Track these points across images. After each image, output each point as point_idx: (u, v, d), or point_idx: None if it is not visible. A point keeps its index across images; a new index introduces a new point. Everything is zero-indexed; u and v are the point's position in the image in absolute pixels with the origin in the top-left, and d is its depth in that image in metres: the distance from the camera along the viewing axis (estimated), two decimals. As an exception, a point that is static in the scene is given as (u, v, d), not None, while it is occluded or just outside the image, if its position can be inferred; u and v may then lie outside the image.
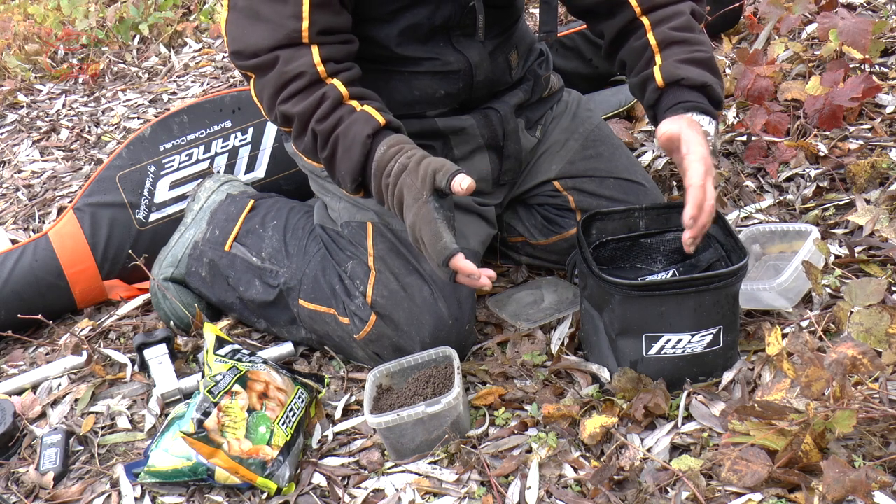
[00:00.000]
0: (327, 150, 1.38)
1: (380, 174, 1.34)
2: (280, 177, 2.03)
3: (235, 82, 3.05)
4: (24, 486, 1.50)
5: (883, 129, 1.87)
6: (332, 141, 1.37)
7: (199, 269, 1.77)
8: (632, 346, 1.36)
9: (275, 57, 1.38)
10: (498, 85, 1.63)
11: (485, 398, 1.47)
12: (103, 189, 1.95)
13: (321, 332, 1.61)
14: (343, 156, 1.37)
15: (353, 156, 1.35)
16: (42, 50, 3.63)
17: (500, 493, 1.28)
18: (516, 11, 1.64)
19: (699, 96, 1.44)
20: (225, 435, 1.37)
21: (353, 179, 1.37)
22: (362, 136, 1.34)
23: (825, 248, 1.46)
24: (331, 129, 1.37)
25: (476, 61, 1.56)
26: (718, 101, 1.46)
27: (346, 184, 1.39)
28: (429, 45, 1.52)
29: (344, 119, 1.37)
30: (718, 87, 1.46)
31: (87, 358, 1.77)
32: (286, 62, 1.37)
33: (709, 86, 1.44)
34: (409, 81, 1.53)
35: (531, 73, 1.70)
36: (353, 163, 1.35)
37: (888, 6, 2.32)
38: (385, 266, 1.53)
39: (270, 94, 1.40)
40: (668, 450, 1.29)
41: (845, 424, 1.12)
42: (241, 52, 1.41)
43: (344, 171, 1.38)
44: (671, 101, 1.44)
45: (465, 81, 1.56)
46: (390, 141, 1.35)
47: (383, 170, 1.34)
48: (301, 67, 1.37)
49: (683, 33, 1.47)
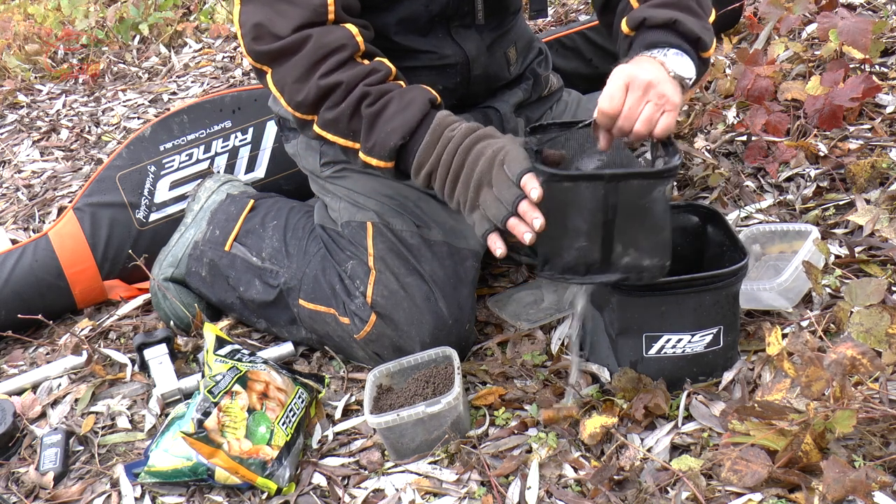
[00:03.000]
0: (376, 105, 1.33)
1: (442, 128, 1.31)
2: (280, 177, 2.03)
3: (235, 82, 3.05)
4: (24, 486, 1.50)
5: (883, 129, 1.86)
6: (385, 98, 1.33)
7: (199, 269, 1.77)
8: (632, 346, 1.36)
9: (304, 36, 1.34)
10: (496, 80, 1.63)
11: (485, 398, 1.47)
12: (103, 189, 1.95)
13: (321, 332, 1.61)
14: (397, 112, 1.32)
15: (411, 111, 1.31)
16: (42, 50, 3.63)
17: (500, 493, 1.28)
18: (515, 2, 1.64)
19: (664, 34, 1.36)
20: (225, 435, 1.37)
21: (402, 136, 1.31)
22: (424, 98, 1.33)
23: (825, 248, 1.46)
24: (385, 90, 1.33)
25: (473, 55, 1.56)
26: (692, 36, 1.37)
27: (390, 141, 1.33)
28: (428, 36, 1.52)
29: (399, 86, 1.35)
30: (692, 22, 1.37)
31: (87, 358, 1.77)
32: (322, 35, 1.34)
33: (675, 20, 1.36)
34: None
35: (531, 71, 1.70)
36: (408, 118, 1.31)
37: (888, 6, 2.32)
38: (385, 266, 1.53)
39: (302, 71, 1.35)
40: (668, 450, 1.29)
41: (845, 424, 1.12)
42: (259, 38, 1.37)
43: (393, 126, 1.32)
44: (634, 48, 1.38)
45: (462, 75, 1.56)
46: (449, 112, 1.34)
47: (447, 125, 1.31)
48: (342, 40, 1.34)
49: None
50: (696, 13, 1.40)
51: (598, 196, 1.19)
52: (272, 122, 2.03)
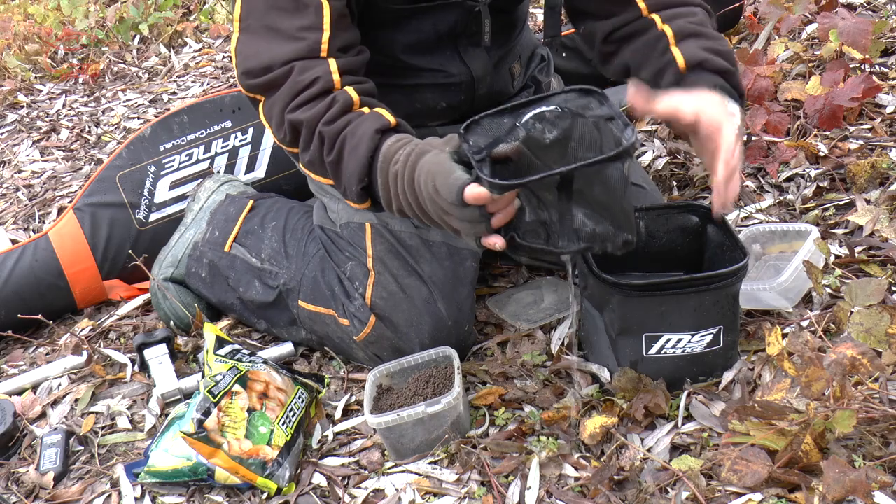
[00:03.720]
0: (334, 153, 1.30)
1: (387, 165, 1.25)
2: (280, 177, 2.03)
3: (235, 82, 3.05)
4: (24, 486, 1.50)
5: (883, 129, 1.86)
6: (338, 142, 1.30)
7: (198, 269, 1.77)
8: (632, 346, 1.36)
9: (289, 69, 1.32)
10: (500, 97, 1.63)
11: (485, 398, 1.47)
12: (103, 189, 1.95)
13: (321, 333, 1.61)
14: (349, 155, 1.28)
15: (360, 152, 1.26)
16: (42, 50, 3.63)
17: (500, 493, 1.28)
18: (521, 16, 1.63)
19: (723, 81, 1.36)
20: (225, 435, 1.37)
21: (360, 180, 1.28)
22: (370, 131, 1.27)
23: (825, 248, 1.46)
24: (338, 131, 1.30)
25: (479, 74, 1.56)
26: (741, 90, 1.40)
27: (353, 186, 1.30)
28: (434, 54, 1.51)
29: (352, 121, 1.30)
30: (740, 78, 1.40)
31: (87, 358, 1.77)
32: (301, 72, 1.32)
33: (732, 72, 1.38)
34: (410, 94, 1.52)
35: (532, 80, 1.70)
36: (359, 160, 1.27)
37: (888, 6, 2.32)
38: (384, 267, 1.53)
39: (281, 107, 1.33)
40: (668, 450, 1.29)
41: (845, 424, 1.12)
42: (251, 71, 1.35)
43: (350, 171, 1.29)
44: (695, 82, 1.35)
45: (466, 94, 1.56)
46: (399, 136, 1.28)
47: (391, 159, 1.24)
48: (316, 74, 1.31)
49: (700, 27, 1.42)
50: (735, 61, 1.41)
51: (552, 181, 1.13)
52: (272, 122, 2.03)
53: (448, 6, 1.47)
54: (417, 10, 1.46)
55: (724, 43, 1.42)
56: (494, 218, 1.14)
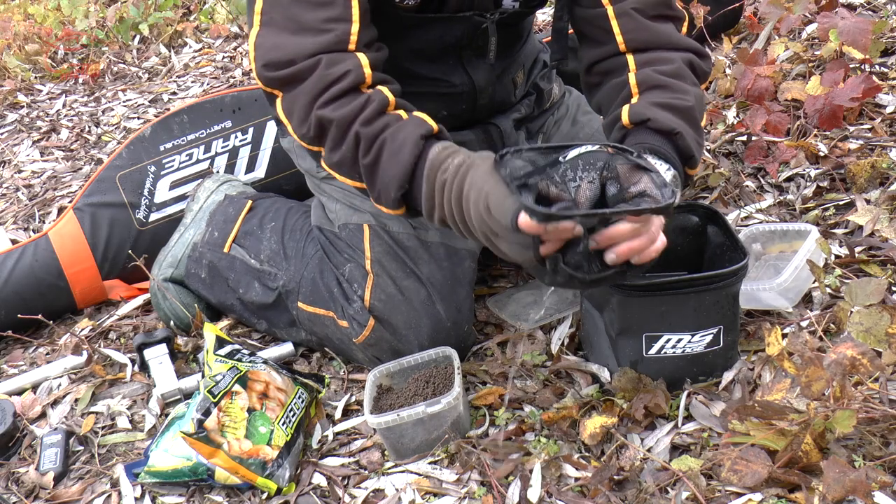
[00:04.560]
0: (370, 155, 1.25)
1: (434, 173, 1.21)
2: (280, 177, 2.03)
3: (235, 82, 3.05)
4: (24, 486, 1.50)
5: (883, 129, 1.86)
6: (377, 144, 1.25)
7: (198, 270, 1.77)
8: (632, 346, 1.36)
9: (315, 61, 1.27)
10: (501, 106, 1.63)
11: (485, 398, 1.47)
12: (103, 189, 1.95)
13: (321, 335, 1.61)
14: (389, 160, 1.24)
15: (403, 157, 1.22)
16: (42, 50, 3.63)
17: (500, 493, 1.28)
18: (526, 27, 1.63)
19: (663, 142, 1.31)
20: (225, 435, 1.37)
21: (400, 186, 1.24)
22: (415, 136, 1.23)
23: (826, 247, 1.46)
24: (377, 133, 1.25)
25: (482, 85, 1.55)
26: (688, 153, 1.33)
27: (391, 192, 1.25)
28: (437, 64, 1.50)
29: (391, 124, 1.25)
30: (691, 139, 1.33)
31: (87, 358, 1.77)
32: (329, 65, 1.27)
33: (677, 133, 1.32)
34: (410, 101, 1.52)
35: (534, 87, 1.69)
36: (401, 166, 1.23)
37: (888, 6, 2.32)
38: (382, 269, 1.52)
39: (307, 101, 1.28)
40: (668, 450, 1.29)
41: (845, 424, 1.12)
42: (272, 63, 1.30)
43: (389, 176, 1.24)
44: (631, 143, 1.31)
45: (468, 104, 1.56)
46: (445, 144, 1.24)
47: (439, 167, 1.20)
48: (347, 67, 1.26)
49: (668, 78, 1.36)
50: (697, 124, 1.35)
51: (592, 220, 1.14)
52: (272, 122, 2.03)
53: (455, 19, 1.46)
54: (425, 21, 1.45)
55: (691, 97, 1.36)
56: (544, 246, 1.12)
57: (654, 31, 1.40)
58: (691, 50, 1.42)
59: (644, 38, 1.40)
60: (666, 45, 1.41)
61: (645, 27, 1.40)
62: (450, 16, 1.45)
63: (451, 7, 1.45)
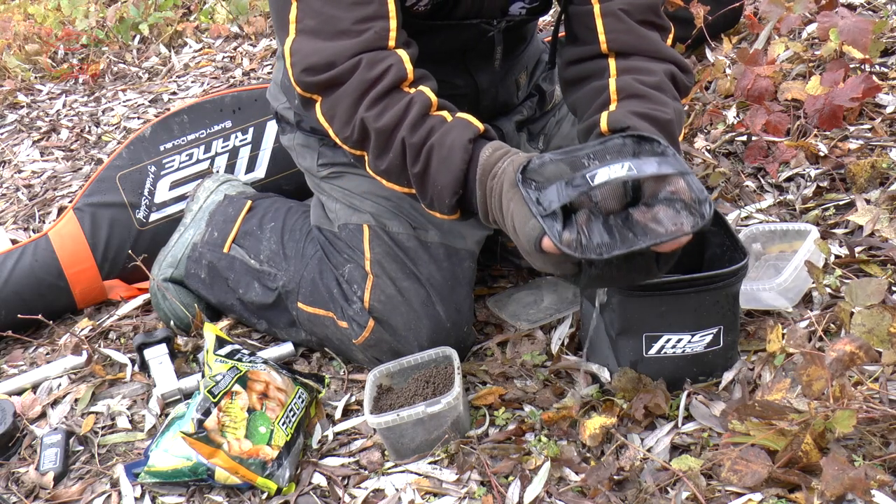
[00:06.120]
0: (419, 164, 1.23)
1: (486, 178, 1.19)
2: (280, 177, 2.03)
3: (235, 82, 3.05)
4: (24, 486, 1.50)
5: (883, 129, 1.86)
6: (425, 151, 1.23)
7: (198, 270, 1.77)
8: (632, 346, 1.36)
9: (356, 62, 1.25)
10: (504, 107, 1.62)
11: (485, 398, 1.47)
12: (103, 189, 1.96)
13: (321, 335, 1.61)
14: (440, 167, 1.22)
15: (453, 164, 1.20)
16: (42, 50, 3.63)
17: (500, 493, 1.28)
18: (530, 29, 1.63)
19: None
20: (225, 435, 1.37)
21: (454, 192, 1.22)
22: (462, 141, 1.20)
23: (825, 247, 1.46)
24: (423, 139, 1.23)
25: (485, 87, 1.55)
26: None
27: (445, 199, 1.23)
28: (441, 66, 1.48)
29: (437, 128, 1.23)
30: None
31: (87, 358, 1.77)
32: (370, 65, 1.25)
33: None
34: None
35: (536, 88, 1.69)
36: (453, 172, 1.21)
37: (888, 6, 2.32)
38: (382, 270, 1.52)
39: (349, 103, 1.26)
40: (668, 450, 1.29)
41: (845, 424, 1.12)
42: (312, 68, 1.27)
43: (442, 184, 1.23)
44: None
45: (470, 105, 1.56)
46: (495, 145, 1.22)
47: (489, 172, 1.19)
48: (388, 64, 1.25)
49: (648, 89, 1.33)
50: (675, 138, 1.32)
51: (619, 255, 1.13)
52: (272, 122, 2.03)
53: (463, 27, 1.46)
54: (433, 27, 1.44)
55: (670, 110, 1.32)
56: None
57: (639, 35, 1.37)
58: (674, 62, 1.39)
59: (627, 42, 1.38)
60: (649, 53, 1.38)
61: (630, 30, 1.37)
62: (457, 23, 1.45)
63: (460, 14, 1.44)
